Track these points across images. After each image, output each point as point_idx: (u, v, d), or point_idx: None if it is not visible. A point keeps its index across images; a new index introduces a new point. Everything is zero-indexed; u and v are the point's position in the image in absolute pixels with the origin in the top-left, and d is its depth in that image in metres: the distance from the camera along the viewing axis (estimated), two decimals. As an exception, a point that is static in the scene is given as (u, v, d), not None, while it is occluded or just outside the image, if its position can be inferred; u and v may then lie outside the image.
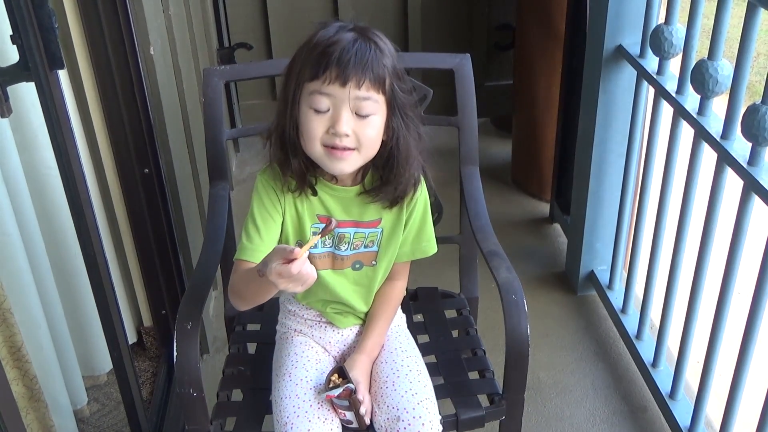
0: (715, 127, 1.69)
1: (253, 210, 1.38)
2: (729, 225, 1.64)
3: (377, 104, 1.26)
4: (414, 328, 1.68)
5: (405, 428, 1.34)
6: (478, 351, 1.66)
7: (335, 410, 1.38)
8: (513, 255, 1.63)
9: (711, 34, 1.65)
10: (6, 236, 1.57)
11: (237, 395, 1.58)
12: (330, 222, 1.25)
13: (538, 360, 2.22)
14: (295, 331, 1.54)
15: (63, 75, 1.66)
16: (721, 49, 1.65)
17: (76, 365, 1.90)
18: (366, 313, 1.54)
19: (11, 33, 1.27)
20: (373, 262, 1.47)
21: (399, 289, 1.56)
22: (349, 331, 1.54)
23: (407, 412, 1.35)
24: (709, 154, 1.72)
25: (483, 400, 1.52)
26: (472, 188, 1.77)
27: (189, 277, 2.12)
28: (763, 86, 1.47)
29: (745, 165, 1.56)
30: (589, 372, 2.22)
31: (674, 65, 1.90)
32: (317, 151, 1.28)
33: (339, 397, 1.35)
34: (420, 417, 1.35)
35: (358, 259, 1.46)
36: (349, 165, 1.31)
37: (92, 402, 2.01)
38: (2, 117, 1.27)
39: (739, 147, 1.61)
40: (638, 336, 2.18)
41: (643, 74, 2.00)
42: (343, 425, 1.40)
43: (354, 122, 1.25)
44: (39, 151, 1.68)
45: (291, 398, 1.38)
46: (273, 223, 1.38)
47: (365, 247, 1.45)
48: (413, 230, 1.47)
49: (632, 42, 2.07)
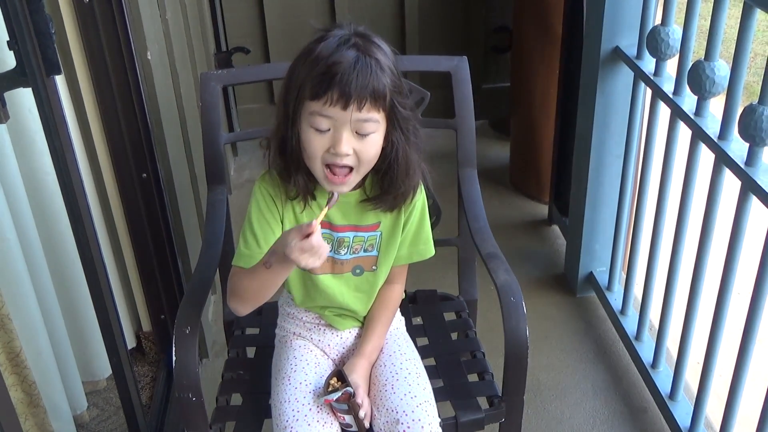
0: (712, 128, 1.69)
1: (252, 217, 1.39)
2: (727, 225, 1.64)
3: (377, 123, 1.27)
4: (413, 330, 1.68)
5: (404, 431, 1.34)
6: (477, 353, 1.66)
7: (334, 414, 1.38)
8: (511, 257, 1.63)
9: (707, 35, 1.65)
10: (4, 242, 1.57)
11: (236, 399, 1.58)
12: (333, 195, 1.27)
13: (537, 362, 2.22)
14: (294, 334, 1.54)
15: (60, 80, 1.66)
16: (717, 49, 1.66)
17: (76, 370, 1.90)
18: (365, 316, 1.54)
19: (8, 39, 1.27)
20: (374, 267, 1.47)
21: (397, 293, 1.56)
22: (348, 333, 1.54)
23: (406, 415, 1.35)
24: (706, 154, 1.72)
25: (482, 402, 1.52)
26: (470, 191, 1.77)
27: (188, 281, 2.12)
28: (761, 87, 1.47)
29: (742, 165, 1.56)
30: (588, 373, 2.22)
31: (671, 66, 1.90)
32: (318, 169, 1.29)
33: (338, 401, 1.35)
34: (419, 420, 1.35)
35: (358, 263, 1.46)
36: (347, 186, 1.33)
37: (92, 407, 2.01)
38: (0, 123, 1.27)
39: (737, 147, 1.61)
40: (638, 337, 2.18)
41: (640, 75, 2.00)
42: (342, 429, 1.40)
43: (354, 142, 1.26)
44: (37, 157, 1.68)
45: (290, 402, 1.38)
46: (271, 232, 1.38)
47: (365, 251, 1.45)
48: (410, 233, 1.47)
49: (629, 43, 2.07)
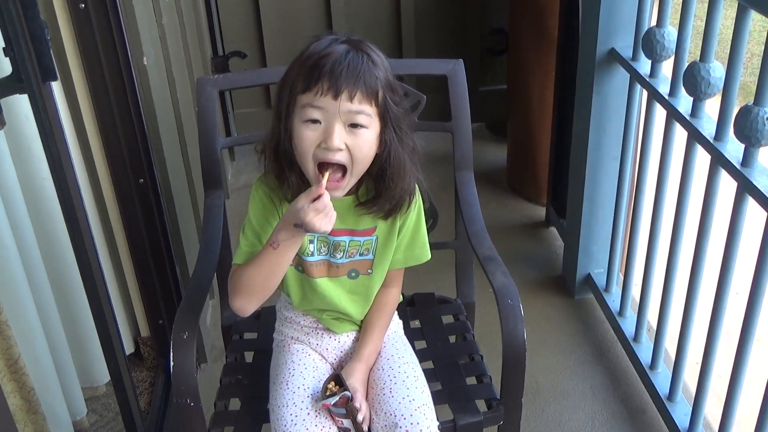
0: (708, 129, 1.69)
1: (252, 217, 1.39)
2: (724, 226, 1.64)
3: (369, 117, 1.26)
4: (411, 334, 1.68)
5: (403, 435, 1.34)
6: (475, 356, 1.66)
7: (333, 418, 1.38)
8: (509, 259, 1.63)
9: (702, 36, 1.66)
10: (2, 248, 1.57)
11: (235, 404, 1.58)
12: (326, 168, 1.26)
13: (535, 364, 2.22)
14: (292, 338, 1.54)
15: (56, 86, 1.66)
16: (712, 50, 1.66)
17: (75, 376, 1.90)
18: (362, 320, 1.54)
19: (4, 45, 1.27)
20: (369, 271, 1.47)
21: (393, 296, 1.56)
22: (346, 337, 1.54)
23: (405, 418, 1.35)
24: (702, 155, 1.72)
25: (481, 405, 1.52)
26: (467, 193, 1.77)
27: (185, 286, 2.11)
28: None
29: (738, 166, 1.56)
30: (587, 375, 2.22)
31: (667, 68, 1.91)
32: (310, 169, 1.28)
33: (336, 405, 1.35)
34: (418, 423, 1.34)
35: (353, 267, 1.46)
36: (341, 191, 1.31)
37: (91, 413, 2.00)
38: (-4, 129, 1.28)
39: (733, 148, 1.61)
40: (636, 338, 2.18)
41: (635, 77, 2.01)
42: (340, 433, 1.40)
43: (346, 135, 1.25)
44: (34, 163, 1.68)
45: (288, 406, 1.38)
46: (271, 229, 1.37)
47: (360, 255, 1.45)
48: (406, 237, 1.47)
49: (625, 45, 2.07)
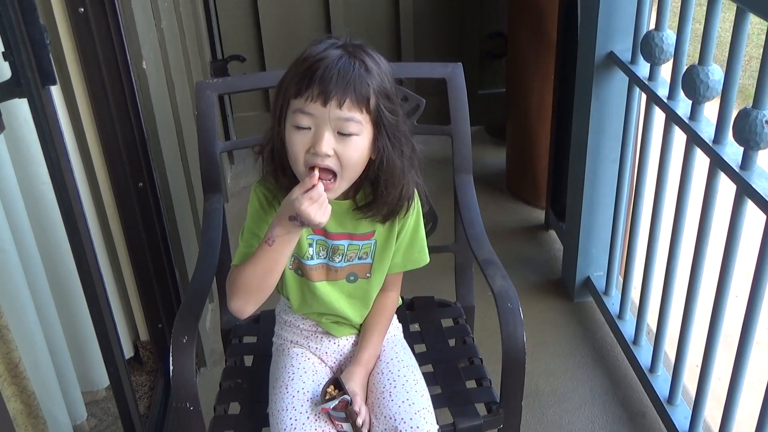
0: (707, 132, 1.69)
1: (250, 219, 1.39)
2: (723, 229, 1.64)
3: (360, 124, 1.25)
4: (410, 337, 1.68)
5: (403, 438, 1.34)
6: (475, 359, 1.66)
7: (332, 422, 1.37)
8: (508, 263, 1.63)
9: (701, 39, 1.66)
10: (2, 252, 1.57)
11: (234, 408, 1.57)
12: (314, 168, 1.24)
13: (535, 367, 2.22)
14: (292, 342, 1.54)
15: (56, 90, 1.67)
16: (711, 54, 1.66)
17: (75, 381, 1.90)
18: (361, 324, 1.54)
19: (3, 50, 1.27)
20: (368, 275, 1.47)
21: (392, 300, 1.56)
22: (345, 340, 1.54)
23: (404, 422, 1.35)
24: (701, 159, 1.72)
25: (481, 408, 1.52)
26: (466, 197, 1.78)
27: (185, 290, 2.11)
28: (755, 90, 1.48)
29: (737, 169, 1.56)
30: (587, 379, 2.22)
31: (666, 71, 1.91)
32: (301, 172, 1.27)
33: (335, 408, 1.35)
34: (418, 427, 1.34)
35: (352, 271, 1.46)
36: (333, 194, 1.30)
37: (91, 417, 2.00)
38: (-5, 134, 1.28)
39: (732, 151, 1.61)
40: (635, 341, 2.18)
41: (634, 80, 2.01)
42: (340, 437, 1.40)
43: (335, 142, 1.24)
44: (33, 167, 1.68)
45: (288, 410, 1.38)
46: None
47: (359, 258, 1.45)
48: (405, 241, 1.47)
49: (623, 48, 2.08)
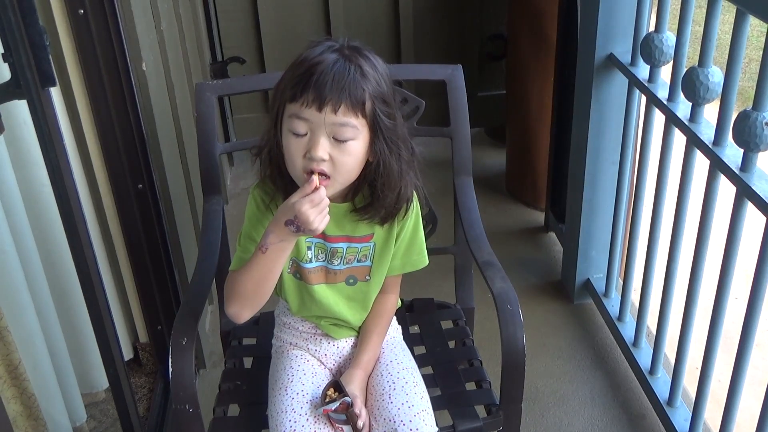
0: (707, 134, 1.69)
1: (247, 222, 1.40)
2: (723, 231, 1.64)
3: (356, 129, 1.25)
4: (410, 339, 1.68)
5: (402, 440, 1.34)
6: (474, 361, 1.65)
7: (332, 424, 1.37)
8: (508, 265, 1.63)
9: (701, 41, 1.66)
10: (2, 254, 1.57)
11: (234, 410, 1.57)
12: (312, 173, 1.24)
13: (535, 369, 2.22)
14: (291, 344, 1.54)
15: (55, 92, 1.66)
16: (711, 56, 1.66)
17: (75, 382, 1.89)
18: (360, 326, 1.54)
19: (2, 51, 1.27)
20: (367, 277, 1.47)
21: (391, 303, 1.56)
22: (345, 343, 1.54)
23: (404, 424, 1.34)
24: (701, 160, 1.72)
25: (480, 411, 1.52)
26: (466, 198, 1.78)
27: (184, 292, 2.11)
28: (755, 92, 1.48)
29: (737, 171, 1.56)
30: (586, 380, 2.21)
31: (665, 73, 1.91)
32: (298, 176, 1.28)
33: (336, 411, 1.34)
34: (417, 429, 1.34)
35: (351, 273, 1.46)
36: (326, 192, 1.29)
37: (90, 419, 2.00)
38: (-5, 135, 1.28)
39: (731, 153, 1.61)
40: (635, 343, 2.18)
41: (634, 82, 2.01)
42: (340, 439, 1.39)
43: (331, 147, 1.24)
44: (33, 168, 1.68)
45: (287, 412, 1.38)
46: None
47: (358, 261, 1.45)
48: (404, 243, 1.47)
49: (623, 50, 2.08)
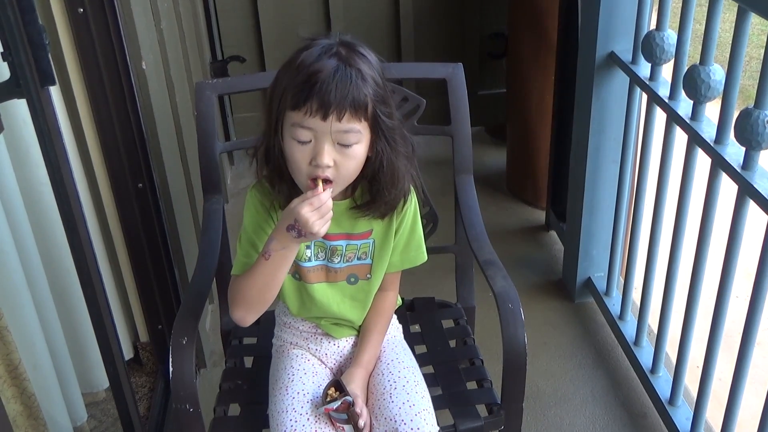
0: (708, 132, 1.69)
1: (246, 225, 1.39)
2: (725, 229, 1.64)
3: (359, 134, 1.26)
4: (411, 338, 1.68)
5: (403, 440, 1.34)
6: (475, 360, 1.65)
7: (333, 424, 1.37)
8: (509, 263, 1.63)
9: (702, 39, 1.65)
10: (2, 253, 1.56)
11: (234, 410, 1.57)
12: (317, 180, 1.26)
13: (536, 368, 2.22)
14: (291, 344, 1.54)
15: (55, 91, 1.66)
16: (712, 53, 1.66)
17: (75, 382, 1.89)
18: (360, 325, 1.53)
19: (2, 50, 1.27)
20: (368, 276, 1.47)
21: (391, 300, 1.55)
22: (345, 342, 1.54)
23: (405, 423, 1.34)
24: (703, 159, 1.72)
25: (481, 410, 1.52)
26: (466, 197, 1.77)
27: (185, 291, 2.11)
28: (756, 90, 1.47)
29: (739, 169, 1.56)
30: (588, 379, 2.21)
31: (666, 71, 1.91)
32: (302, 181, 1.29)
33: (337, 410, 1.34)
34: (418, 428, 1.34)
35: (352, 272, 1.46)
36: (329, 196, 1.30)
37: (90, 419, 2.00)
38: (-6, 134, 1.27)
39: (733, 151, 1.61)
40: (636, 342, 2.17)
41: (635, 80, 2.00)
42: (341, 439, 1.39)
43: (336, 153, 1.25)
44: (32, 168, 1.68)
45: (288, 412, 1.38)
46: (265, 238, 1.38)
47: (358, 259, 1.45)
48: (402, 240, 1.47)
49: (624, 48, 2.07)
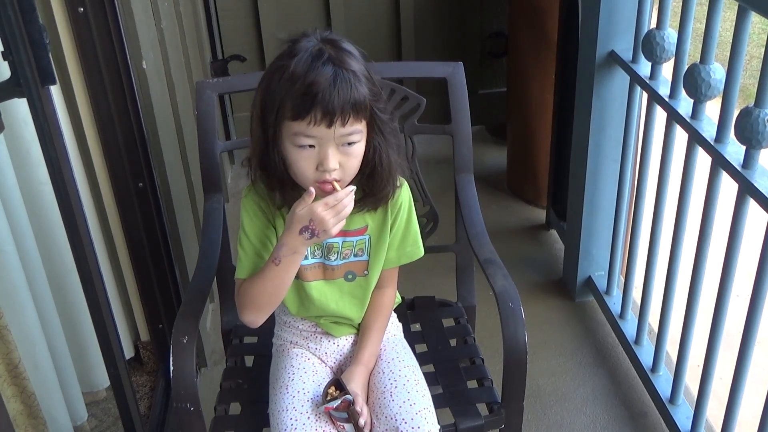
0: (708, 131, 1.69)
1: (246, 228, 1.39)
2: (725, 228, 1.64)
3: (361, 133, 1.28)
4: (412, 337, 1.68)
5: (404, 439, 1.34)
6: (476, 359, 1.65)
7: (333, 423, 1.37)
8: (510, 262, 1.63)
9: (702, 38, 1.65)
10: (2, 253, 1.56)
11: (235, 409, 1.57)
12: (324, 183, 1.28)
13: (537, 367, 2.22)
14: (291, 343, 1.54)
15: (55, 90, 1.66)
16: (712, 52, 1.66)
17: (75, 381, 1.89)
18: (360, 323, 1.54)
19: (2, 49, 1.27)
20: (365, 272, 1.47)
21: (389, 297, 1.55)
22: (345, 340, 1.54)
23: (406, 422, 1.34)
24: (703, 157, 1.72)
25: (482, 408, 1.52)
26: (467, 196, 1.77)
27: (185, 290, 2.11)
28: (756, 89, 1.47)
29: (739, 168, 1.56)
30: (588, 378, 2.21)
31: (667, 70, 1.90)
32: (308, 186, 1.29)
33: (337, 409, 1.34)
34: (419, 427, 1.34)
35: (349, 269, 1.46)
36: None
37: (91, 418, 2.00)
38: (-5, 133, 1.27)
39: (733, 150, 1.61)
40: (637, 341, 2.17)
41: (635, 79, 2.00)
42: (341, 437, 1.39)
43: (340, 155, 1.27)
44: (33, 167, 1.68)
45: (289, 411, 1.38)
46: (266, 238, 1.39)
47: (355, 255, 1.45)
48: (398, 235, 1.47)
49: (624, 47, 2.07)
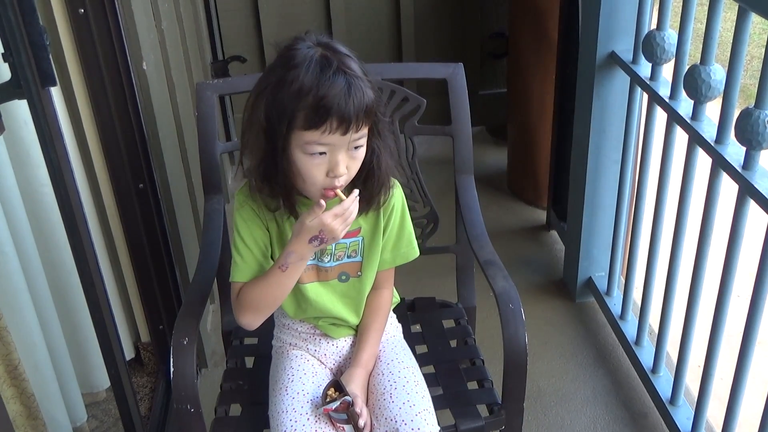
0: (709, 132, 1.69)
1: (240, 231, 1.39)
2: (725, 229, 1.64)
3: (365, 136, 1.29)
4: (412, 338, 1.68)
5: (404, 440, 1.34)
6: (476, 360, 1.65)
7: (333, 424, 1.37)
8: (510, 263, 1.63)
9: (703, 39, 1.65)
10: (2, 254, 1.56)
11: (235, 410, 1.57)
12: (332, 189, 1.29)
13: (537, 368, 2.22)
14: (290, 344, 1.54)
15: (56, 92, 1.66)
16: (713, 53, 1.66)
17: (75, 382, 1.89)
18: (358, 325, 1.54)
19: (3, 51, 1.27)
20: (359, 273, 1.47)
21: (386, 298, 1.55)
22: (344, 342, 1.54)
23: (405, 424, 1.34)
24: (703, 158, 1.72)
25: (482, 410, 1.52)
26: (467, 197, 1.77)
27: (186, 291, 2.11)
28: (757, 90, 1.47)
29: (739, 169, 1.56)
30: (588, 379, 2.21)
31: (667, 71, 1.90)
32: (315, 193, 1.30)
33: (337, 410, 1.34)
34: (419, 429, 1.34)
35: (343, 270, 1.46)
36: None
37: (91, 419, 2.00)
38: (-5, 135, 1.27)
39: (734, 151, 1.61)
40: (637, 342, 2.17)
41: (636, 80, 2.00)
42: (341, 439, 1.39)
43: (348, 160, 1.28)
44: (33, 169, 1.68)
45: (288, 412, 1.38)
46: (262, 243, 1.40)
47: (348, 257, 1.45)
48: (392, 236, 1.47)
49: (625, 48, 2.07)
